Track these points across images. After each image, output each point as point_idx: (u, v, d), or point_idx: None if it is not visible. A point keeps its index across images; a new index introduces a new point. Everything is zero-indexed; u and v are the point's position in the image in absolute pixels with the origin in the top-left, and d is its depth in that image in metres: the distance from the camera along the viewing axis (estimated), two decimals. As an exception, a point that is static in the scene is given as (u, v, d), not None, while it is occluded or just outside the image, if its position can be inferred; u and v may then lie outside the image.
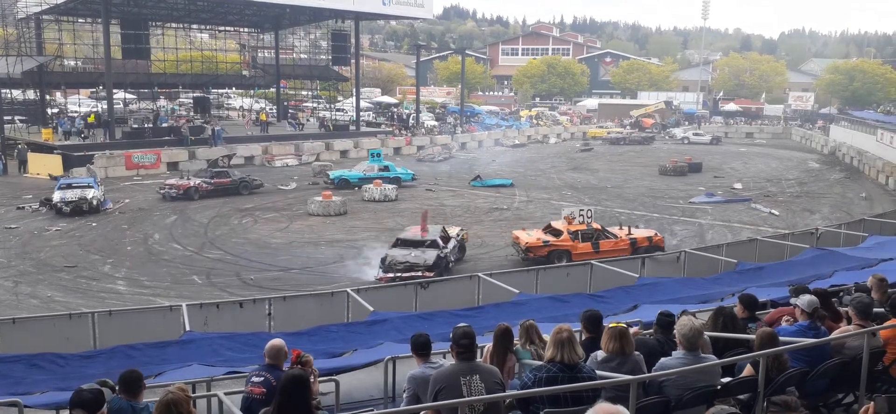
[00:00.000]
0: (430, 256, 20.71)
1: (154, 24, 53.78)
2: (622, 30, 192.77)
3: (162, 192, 32.88)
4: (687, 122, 76.77)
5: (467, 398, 5.23)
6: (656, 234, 24.25)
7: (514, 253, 23.66)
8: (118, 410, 5.06)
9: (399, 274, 19.61)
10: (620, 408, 2.66)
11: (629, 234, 23.48)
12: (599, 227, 23.57)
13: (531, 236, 23.23)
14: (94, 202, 29.14)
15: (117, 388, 5.37)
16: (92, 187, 30.00)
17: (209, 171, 36.22)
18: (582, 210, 24.03)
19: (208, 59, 60.50)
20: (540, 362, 5.67)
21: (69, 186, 30.03)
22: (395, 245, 21.86)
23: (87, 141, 42.11)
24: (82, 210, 28.71)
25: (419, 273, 19.29)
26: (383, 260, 20.96)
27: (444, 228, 23.89)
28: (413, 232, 22.62)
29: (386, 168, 37.94)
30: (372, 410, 8.04)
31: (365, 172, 37.15)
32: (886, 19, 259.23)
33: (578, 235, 22.74)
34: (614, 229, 24.07)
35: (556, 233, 23.22)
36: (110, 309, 12.95)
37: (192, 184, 33.30)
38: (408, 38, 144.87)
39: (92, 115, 45.34)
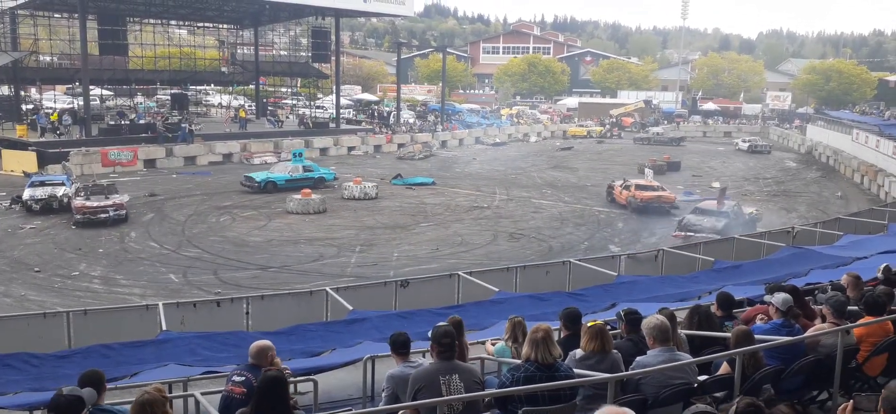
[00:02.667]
0: (720, 223, 25.39)
1: (132, 19, 53.17)
2: (602, 29, 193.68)
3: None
4: (666, 122, 77.35)
5: (446, 397, 5.22)
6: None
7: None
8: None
9: (690, 234, 24.76)
10: (627, 410, 2.64)
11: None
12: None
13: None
14: (65, 200, 28.70)
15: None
16: (64, 185, 29.58)
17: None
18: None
19: (187, 55, 59.95)
20: (517, 361, 5.68)
21: (41, 184, 29.60)
22: (693, 212, 27.83)
23: (62, 138, 41.56)
24: (52, 208, 28.27)
25: (708, 235, 23.42)
26: (680, 222, 27.05)
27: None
28: (709, 204, 28.37)
29: (310, 169, 36.37)
30: (351, 410, 8.00)
31: (290, 174, 35.20)
32: (862, 21, 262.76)
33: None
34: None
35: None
36: (85, 308, 12.80)
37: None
38: (389, 35, 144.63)
39: (54, 114, 44.46)
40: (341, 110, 57.57)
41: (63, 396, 4.35)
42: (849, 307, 6.99)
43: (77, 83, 49.22)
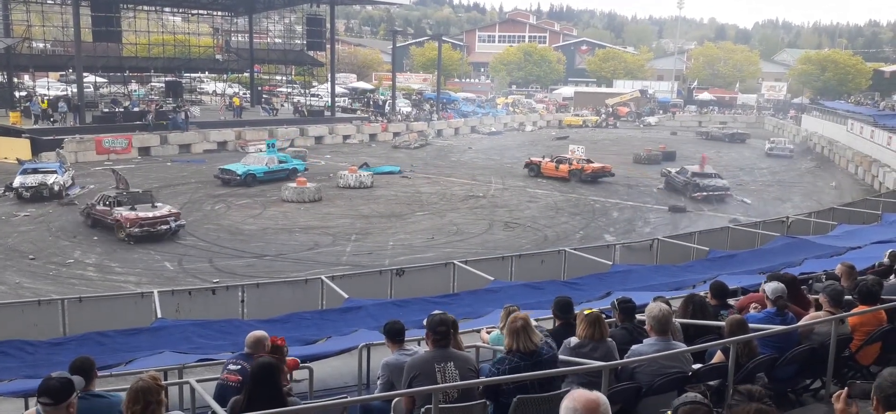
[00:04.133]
0: (722, 181, 32.89)
1: (125, 6, 52.87)
2: (598, 18, 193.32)
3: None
4: (662, 111, 77.44)
5: (441, 385, 5.23)
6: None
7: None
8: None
9: (707, 193, 31.47)
10: (599, 394, 2.65)
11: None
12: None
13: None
14: (56, 188, 28.54)
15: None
16: (55, 173, 29.42)
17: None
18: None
19: (181, 42, 59.67)
20: (502, 355, 5.69)
21: (33, 171, 29.44)
22: (694, 176, 33.04)
23: (56, 125, 41.38)
24: (43, 196, 28.11)
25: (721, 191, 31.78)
26: (693, 186, 32.09)
27: None
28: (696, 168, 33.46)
29: (283, 160, 35.38)
30: (346, 398, 8.02)
31: (267, 165, 33.92)
32: (858, 11, 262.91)
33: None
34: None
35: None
36: (80, 295, 12.78)
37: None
38: (384, 23, 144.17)
39: (44, 102, 44.24)
40: (336, 99, 57.46)
41: (53, 379, 4.35)
42: (845, 297, 7.02)
43: (70, 70, 48.99)
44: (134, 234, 22.69)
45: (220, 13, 60.93)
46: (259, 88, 63.54)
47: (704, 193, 32.29)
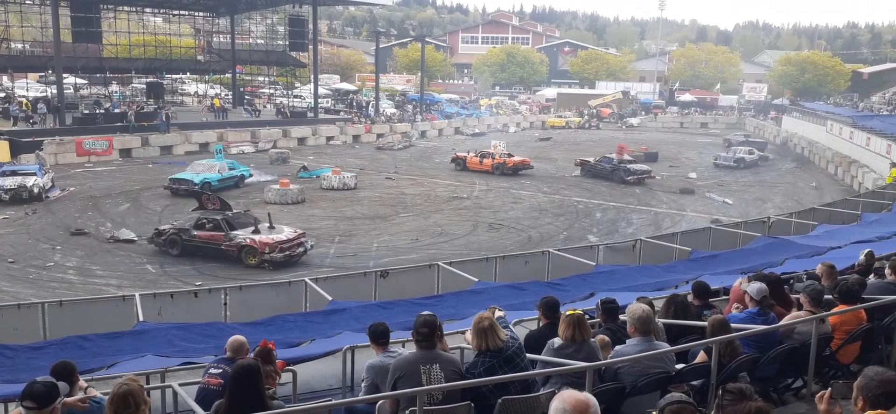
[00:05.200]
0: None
1: (105, 6, 52.39)
2: (581, 19, 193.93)
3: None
4: (644, 112, 77.85)
5: (426, 387, 5.23)
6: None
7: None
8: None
9: None
10: (588, 395, 2.65)
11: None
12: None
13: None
14: (36, 190, 28.24)
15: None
16: (35, 175, 29.09)
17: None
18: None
19: (162, 43, 59.29)
20: (473, 358, 5.70)
21: (12, 173, 29.08)
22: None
23: (36, 127, 40.94)
24: (22, 198, 27.78)
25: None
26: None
27: None
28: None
29: (232, 167, 33.82)
30: (330, 400, 7.99)
31: (220, 172, 32.19)
32: (836, 13, 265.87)
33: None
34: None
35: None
36: (61, 299, 12.64)
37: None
38: (367, 24, 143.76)
39: (26, 102, 43.85)
40: (319, 100, 57.25)
41: (38, 383, 4.30)
42: (825, 296, 7.09)
43: (50, 71, 48.50)
44: (276, 259, 20.59)
45: (201, 14, 60.51)
46: (241, 89, 63.22)
47: (635, 177, 36.85)
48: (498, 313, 7.99)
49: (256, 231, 21.31)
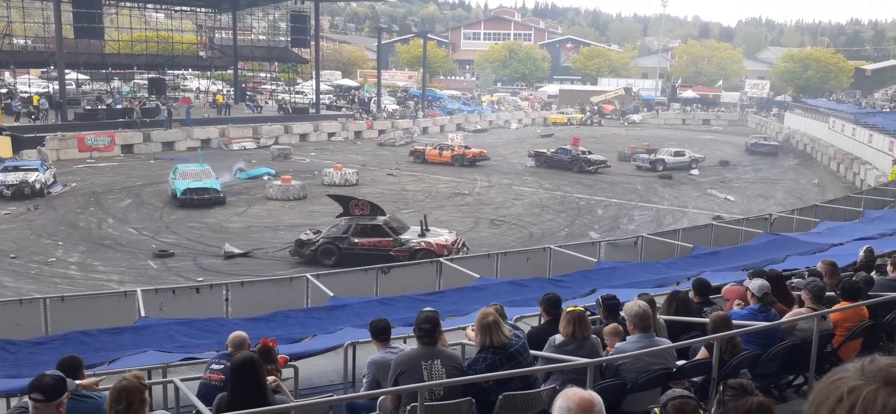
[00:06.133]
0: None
1: (107, 2, 52.35)
2: (583, 16, 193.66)
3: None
4: (646, 109, 77.79)
5: (428, 382, 5.23)
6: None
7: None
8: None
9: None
10: (593, 393, 2.63)
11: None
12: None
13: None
14: (38, 186, 28.27)
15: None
16: (37, 170, 29.13)
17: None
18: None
19: (164, 39, 59.16)
20: (476, 354, 5.70)
21: (14, 169, 29.14)
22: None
23: (38, 122, 40.99)
24: (24, 194, 27.83)
25: None
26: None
27: None
28: None
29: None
30: (332, 396, 8.00)
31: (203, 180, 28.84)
32: (839, 9, 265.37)
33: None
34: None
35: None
36: (63, 294, 12.67)
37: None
38: (369, 20, 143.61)
39: (36, 97, 44.08)
40: (321, 96, 57.27)
41: (47, 377, 4.32)
42: (827, 293, 7.09)
43: (52, 67, 48.46)
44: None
45: (203, 10, 60.48)
46: (243, 86, 63.20)
47: (594, 166, 39.17)
48: (470, 333, 8.03)
49: (423, 234, 20.72)
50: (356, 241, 20.32)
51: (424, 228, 21.07)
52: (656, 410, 3.61)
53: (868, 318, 6.85)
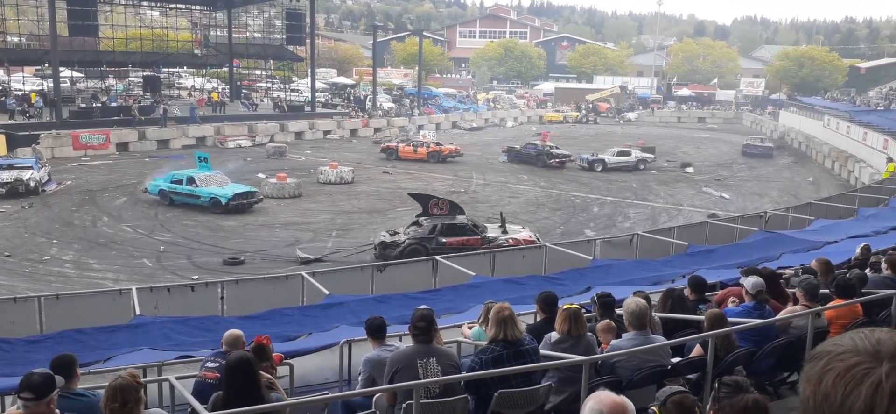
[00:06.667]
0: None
1: (102, 0, 52.19)
2: (579, 14, 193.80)
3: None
4: (642, 107, 77.88)
5: (423, 380, 5.24)
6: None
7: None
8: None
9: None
10: (625, 399, 2.59)
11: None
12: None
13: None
14: (32, 184, 28.17)
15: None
16: (31, 168, 29.02)
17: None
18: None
19: (159, 37, 59.00)
20: (485, 345, 5.72)
21: (8, 167, 29.00)
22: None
23: (32, 120, 40.85)
24: (18, 192, 27.71)
25: None
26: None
27: None
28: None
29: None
30: (327, 394, 8.00)
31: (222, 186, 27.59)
32: (834, 8, 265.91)
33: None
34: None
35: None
36: (57, 293, 12.64)
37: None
38: (364, 18, 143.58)
39: (34, 94, 43.99)
40: (317, 94, 57.14)
41: (36, 375, 4.32)
42: (820, 290, 7.12)
43: (46, 65, 48.31)
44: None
45: (198, 7, 60.30)
46: (238, 83, 63.05)
47: (557, 160, 39.99)
48: (466, 331, 8.04)
49: (505, 231, 21.19)
50: (444, 240, 20.40)
51: (504, 225, 21.61)
52: (655, 408, 3.62)
53: (862, 315, 6.87)
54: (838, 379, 1.21)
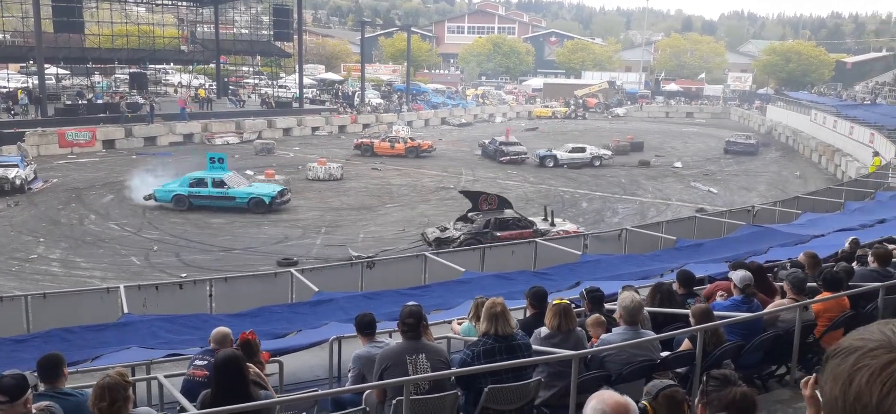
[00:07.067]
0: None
1: (87, -4, 51.77)
2: (567, 9, 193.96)
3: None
4: (630, 102, 78.10)
5: (413, 376, 5.24)
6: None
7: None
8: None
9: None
10: (628, 399, 2.59)
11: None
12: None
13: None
14: (17, 182, 27.97)
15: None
16: (17, 166, 28.80)
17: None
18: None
19: (145, 33, 58.60)
20: (477, 338, 5.74)
21: None
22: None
23: (17, 118, 40.52)
24: (4, 190, 27.48)
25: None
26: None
27: None
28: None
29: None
30: (317, 390, 7.99)
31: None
32: (820, 3, 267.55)
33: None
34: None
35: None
36: (44, 291, 12.55)
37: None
38: (352, 13, 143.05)
39: (20, 91, 43.70)
40: (304, 90, 56.95)
41: (7, 377, 4.28)
42: (808, 284, 7.16)
43: (31, 62, 47.88)
44: None
45: (185, 3, 59.91)
46: (225, 80, 62.74)
47: (508, 157, 39.57)
48: (456, 327, 8.04)
49: (553, 224, 22.05)
50: (498, 234, 20.69)
51: (552, 218, 22.49)
52: (646, 401, 3.62)
53: (849, 308, 6.92)
54: (873, 378, 1.11)
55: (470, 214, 22.08)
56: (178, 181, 27.25)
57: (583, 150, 40.31)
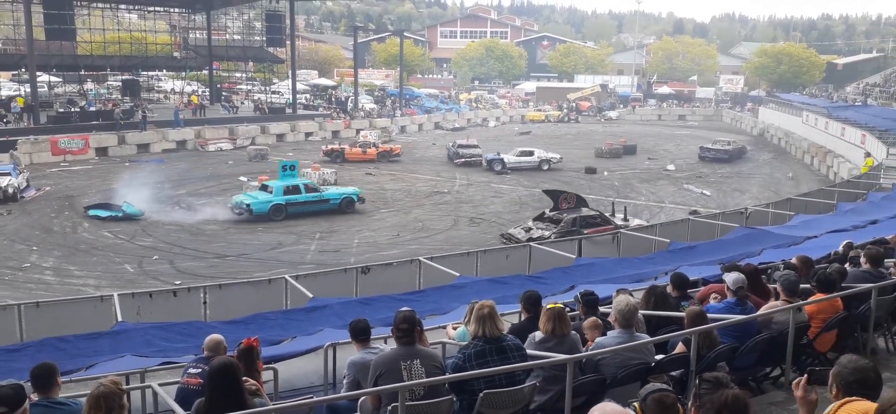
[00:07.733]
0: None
1: (79, 3, 51.65)
2: (559, 13, 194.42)
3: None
4: (622, 106, 78.28)
5: (408, 382, 5.23)
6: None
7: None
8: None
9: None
10: (629, 412, 2.60)
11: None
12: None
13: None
14: (10, 190, 27.85)
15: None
16: (9, 175, 28.68)
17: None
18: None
19: (137, 40, 58.50)
20: (468, 342, 5.75)
21: None
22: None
23: (10, 126, 40.37)
24: None
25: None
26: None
27: None
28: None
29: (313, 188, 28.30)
30: (312, 397, 7.96)
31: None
32: (811, 5, 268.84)
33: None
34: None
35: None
36: (38, 300, 12.48)
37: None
38: (345, 19, 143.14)
39: (20, 98, 43.61)
40: (298, 95, 56.93)
41: (5, 387, 4.27)
42: (801, 285, 7.18)
43: (23, 69, 47.72)
44: None
45: (177, 10, 59.88)
46: (218, 86, 62.66)
47: (463, 159, 40.00)
48: (451, 332, 8.05)
49: (626, 219, 23.15)
50: (586, 231, 21.10)
51: (625, 214, 23.78)
52: (636, 404, 3.64)
53: (842, 309, 6.94)
54: None
55: (551, 213, 23.13)
56: (273, 193, 26.60)
57: (531, 153, 40.18)
